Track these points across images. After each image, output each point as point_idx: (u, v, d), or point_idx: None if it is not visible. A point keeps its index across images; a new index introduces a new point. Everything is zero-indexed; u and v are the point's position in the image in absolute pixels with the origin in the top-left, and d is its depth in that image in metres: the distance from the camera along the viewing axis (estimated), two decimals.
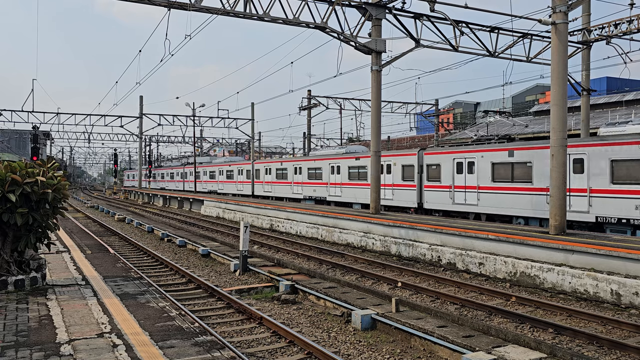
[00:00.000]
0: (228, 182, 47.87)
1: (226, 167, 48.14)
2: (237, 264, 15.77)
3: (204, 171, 54.61)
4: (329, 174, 31.96)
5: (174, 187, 66.00)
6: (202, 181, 55.22)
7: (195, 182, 56.42)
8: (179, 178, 63.65)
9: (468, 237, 16.04)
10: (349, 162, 30.24)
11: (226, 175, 47.92)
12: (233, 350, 8.00)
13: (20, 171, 8.87)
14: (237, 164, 46.03)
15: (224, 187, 48.64)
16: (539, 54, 25.36)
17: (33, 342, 6.42)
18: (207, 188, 53.20)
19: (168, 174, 69.60)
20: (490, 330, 9.39)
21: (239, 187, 44.74)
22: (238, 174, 45.32)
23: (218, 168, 50.24)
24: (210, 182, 52.91)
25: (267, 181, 39.93)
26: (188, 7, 18.88)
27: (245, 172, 43.70)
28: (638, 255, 11.75)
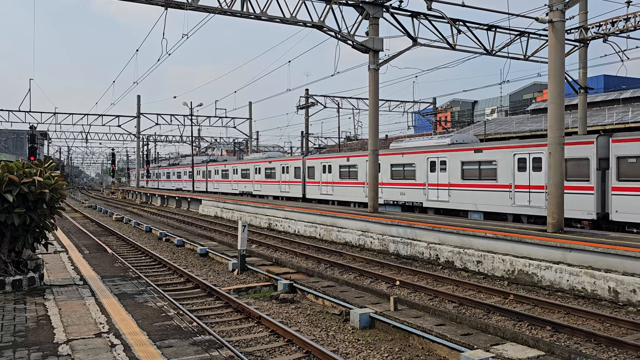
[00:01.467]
0: (268, 181, 38.93)
1: (265, 164, 39.29)
2: (236, 263, 15.76)
3: (233, 169, 45.65)
4: (428, 171, 24.00)
5: (190, 188, 57.42)
6: (230, 181, 46.46)
7: (207, 181, 52.06)
8: (200, 177, 55.33)
9: (466, 236, 16.06)
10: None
11: (265, 174, 39.12)
12: (231, 350, 7.99)
13: (18, 171, 8.85)
14: (281, 160, 37.42)
15: (261, 188, 39.68)
16: (536, 52, 25.38)
17: (31, 342, 6.41)
18: (239, 189, 44.19)
19: (185, 173, 60.71)
20: (488, 328, 9.40)
21: (283, 187, 36.38)
22: (283, 172, 36.50)
23: (254, 165, 41.17)
24: (241, 181, 43.69)
25: (326, 181, 31.53)
26: (185, 6, 18.85)
27: (293, 170, 35.15)
28: (635, 252, 11.78)
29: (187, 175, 58.42)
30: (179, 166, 65.47)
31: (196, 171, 55.22)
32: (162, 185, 72.14)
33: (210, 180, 51.58)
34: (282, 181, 36.27)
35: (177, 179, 64.38)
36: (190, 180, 56.35)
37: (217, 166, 50.07)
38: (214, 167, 50.99)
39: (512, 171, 20.05)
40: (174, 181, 65.78)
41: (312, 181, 33.05)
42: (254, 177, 41.02)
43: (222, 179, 48.26)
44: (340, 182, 30.36)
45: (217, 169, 49.68)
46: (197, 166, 55.57)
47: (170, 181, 67.50)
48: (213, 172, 50.60)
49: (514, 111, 61.12)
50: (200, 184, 54.62)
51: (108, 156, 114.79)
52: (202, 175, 53.99)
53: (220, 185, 48.52)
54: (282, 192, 36.28)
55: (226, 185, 47.23)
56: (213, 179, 50.53)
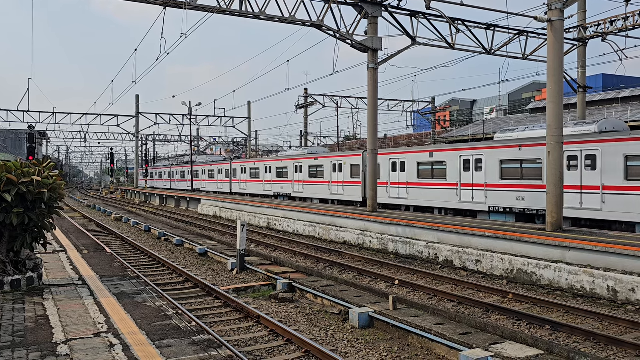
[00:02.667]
0: (313, 182, 32.95)
1: (309, 162, 33.49)
2: (235, 262, 15.76)
3: (266, 167, 39.39)
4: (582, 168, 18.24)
5: (215, 189, 50.85)
6: (261, 180, 40.21)
7: (232, 181, 45.65)
8: (222, 177, 48.52)
9: (465, 235, 16.07)
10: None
11: (309, 173, 33.23)
12: (230, 349, 7.99)
13: (16, 171, 8.84)
14: (332, 156, 31.58)
15: (304, 190, 34.05)
16: (535, 52, 25.40)
17: (30, 342, 6.40)
18: (273, 190, 38.25)
19: (204, 172, 54.38)
20: (487, 328, 9.41)
21: (334, 189, 30.76)
22: (334, 170, 30.68)
23: (293, 162, 35.44)
24: (276, 182, 37.72)
25: (400, 182, 25.40)
26: (184, 6, 18.83)
27: (348, 168, 29.47)
28: (635, 251, 11.79)
29: (207, 175, 52.74)
30: (197, 164, 58.88)
31: (217, 170, 49.52)
32: (175, 185, 65.14)
33: (235, 180, 45.14)
34: (334, 182, 30.72)
35: (195, 179, 57.49)
36: (211, 180, 51.25)
37: (245, 164, 43.53)
38: (240, 164, 44.45)
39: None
40: (189, 181, 58.30)
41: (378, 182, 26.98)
42: (293, 177, 35.24)
43: (251, 179, 42.09)
44: (420, 184, 24.21)
45: (245, 167, 43.18)
46: (219, 164, 49.98)
47: (185, 180, 60.41)
48: (239, 171, 44.18)
49: (513, 110, 61.14)
50: (223, 184, 48.03)
51: (107, 156, 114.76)
52: (224, 174, 47.48)
53: (249, 185, 42.30)
54: (332, 195, 30.76)
55: (256, 185, 41.12)
56: (239, 179, 44.15)
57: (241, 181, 43.92)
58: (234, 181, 45.45)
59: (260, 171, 40.48)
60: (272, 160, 39.00)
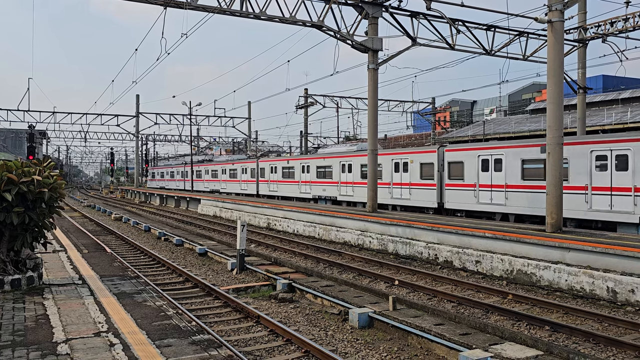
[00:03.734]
0: (365, 183, 26.40)
1: (362, 160, 28.22)
2: (235, 262, 15.76)
3: (303, 166, 34.61)
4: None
5: (238, 190, 45.84)
6: (297, 181, 35.43)
7: (258, 181, 41.36)
8: (247, 176, 43.54)
9: (465, 235, 16.08)
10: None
11: (361, 173, 28.74)
12: (230, 349, 8.00)
13: (17, 170, 8.84)
14: (395, 153, 26.73)
15: (354, 192, 29.40)
16: (535, 52, 25.40)
17: (30, 341, 6.41)
18: (313, 192, 33.43)
19: (225, 171, 48.84)
20: (487, 328, 9.41)
21: (396, 192, 26.20)
22: (396, 169, 26.03)
23: (340, 161, 30.61)
24: (317, 182, 32.90)
25: (490, 184, 20.90)
26: (184, 6, 18.84)
27: (417, 167, 24.89)
28: (634, 252, 11.80)
29: (228, 174, 47.65)
30: (214, 163, 53.03)
31: (241, 169, 44.46)
32: (189, 186, 58.86)
33: (264, 181, 40.46)
34: (396, 183, 26.19)
35: (213, 179, 51.92)
36: (233, 180, 46.26)
37: (276, 162, 38.84)
38: (269, 163, 39.80)
39: None
40: (208, 181, 53.35)
41: (457, 183, 22.76)
42: (339, 177, 30.68)
43: (283, 179, 37.37)
44: (522, 186, 20.02)
45: (275, 166, 38.65)
46: (242, 163, 44.87)
47: (202, 181, 55.26)
48: (268, 170, 39.67)
49: (513, 111, 61.14)
50: (248, 185, 43.11)
51: (107, 155, 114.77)
52: (250, 174, 42.76)
53: (281, 187, 37.62)
54: (394, 199, 26.48)
55: (290, 187, 36.40)
56: (269, 179, 39.48)
57: (271, 182, 39.14)
58: (262, 182, 40.76)
59: (295, 170, 35.64)
60: (312, 157, 34.47)
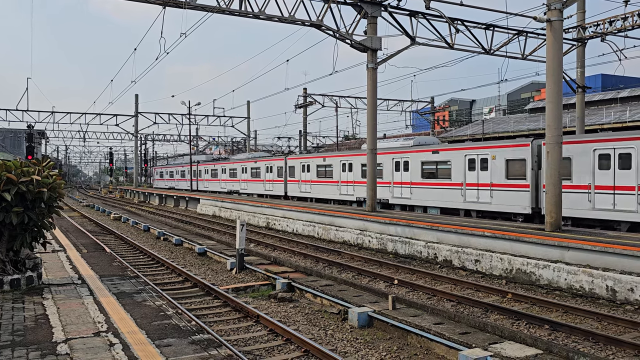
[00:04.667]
0: (429, 184, 24.02)
1: (423, 156, 24.66)
2: (234, 262, 15.76)
3: (344, 163, 30.31)
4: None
5: (261, 190, 41.37)
6: (334, 181, 31.09)
7: (287, 181, 36.86)
8: (273, 176, 39.09)
9: (464, 234, 16.08)
10: None
11: (422, 172, 24.58)
12: (230, 349, 8.00)
13: (16, 170, 8.83)
14: (466, 149, 22.60)
15: (412, 194, 25.14)
16: (534, 52, 25.42)
17: (29, 341, 6.40)
18: (356, 194, 29.14)
19: (245, 170, 44.13)
20: (486, 327, 9.42)
21: (469, 195, 22.05)
22: (471, 167, 22.03)
23: (392, 157, 26.50)
24: (358, 183, 28.84)
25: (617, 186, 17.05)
26: (183, 5, 18.83)
27: (504, 165, 20.68)
28: (633, 251, 11.81)
29: (249, 173, 43.39)
30: (233, 161, 48.61)
31: (266, 168, 40.23)
32: (204, 186, 54.64)
33: (293, 180, 36.18)
34: (470, 184, 21.90)
35: (231, 178, 46.95)
36: (255, 180, 42.01)
37: (309, 159, 34.49)
38: (301, 161, 35.50)
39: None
40: (225, 181, 48.85)
41: (575, 184, 18.05)
42: (392, 177, 26.39)
43: (317, 179, 32.97)
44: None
45: (307, 164, 34.46)
46: (266, 160, 40.80)
47: (218, 180, 51.00)
48: (299, 169, 35.44)
49: (512, 110, 61.18)
50: (274, 185, 38.85)
51: (106, 155, 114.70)
52: (276, 173, 38.59)
53: (316, 187, 33.28)
54: (467, 203, 22.09)
55: (326, 188, 31.89)
56: (299, 179, 35.37)
57: (302, 182, 34.87)
58: (291, 182, 36.51)
59: (333, 169, 31.26)
60: (356, 154, 29.75)
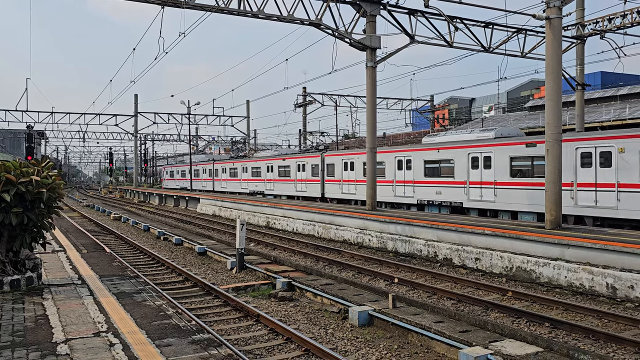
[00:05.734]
0: (514, 184, 20.17)
1: (499, 151, 20.85)
2: (234, 261, 15.76)
3: (399, 160, 25.97)
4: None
5: (292, 191, 36.56)
6: (402, 181, 25.82)
7: (324, 181, 32.03)
8: (306, 175, 34.35)
9: (464, 233, 16.08)
10: None
11: (511, 171, 20.39)
12: (230, 348, 7.99)
13: (15, 171, 8.82)
14: (574, 139, 18.26)
15: (497, 197, 20.82)
16: (533, 49, 25.40)
17: (29, 342, 6.39)
18: (417, 196, 24.87)
19: (270, 169, 39.37)
20: (487, 325, 9.42)
21: (582, 197, 17.85)
22: (585, 163, 17.78)
23: (454, 152, 23.01)
24: (428, 184, 24.24)
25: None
26: (182, 5, 18.81)
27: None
28: (633, 248, 11.81)
29: (276, 172, 38.50)
30: (255, 159, 43.05)
31: (297, 165, 35.29)
32: (222, 186, 49.27)
33: (333, 181, 31.37)
34: (584, 184, 17.71)
35: (254, 178, 42.04)
36: (284, 179, 37.08)
37: (352, 156, 29.68)
38: (341, 157, 30.63)
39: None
40: (247, 181, 43.68)
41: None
42: (467, 176, 22.10)
43: (364, 179, 26.74)
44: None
45: (351, 161, 29.53)
46: (298, 157, 35.78)
47: (238, 180, 45.54)
48: (340, 166, 30.57)
49: (512, 108, 61.17)
50: (308, 185, 34.13)
51: (105, 155, 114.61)
52: (309, 171, 34.02)
53: (360, 187, 28.64)
54: (581, 207, 17.87)
55: (381, 189, 26.35)
56: (339, 178, 30.61)
57: (344, 182, 30.22)
58: (329, 181, 31.75)
59: (386, 167, 26.81)
60: (413, 149, 25.45)
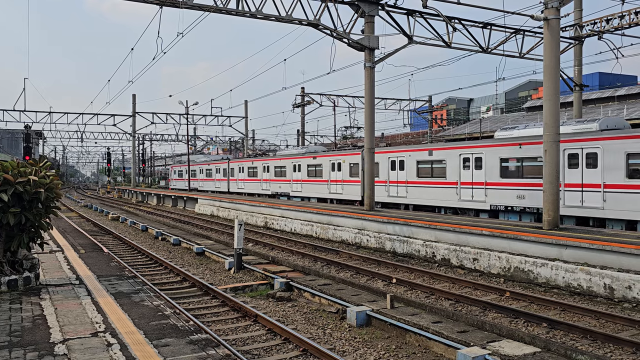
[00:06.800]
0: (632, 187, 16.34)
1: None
2: (232, 262, 15.75)
3: (465, 158, 22.12)
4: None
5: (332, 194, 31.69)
6: (460, 184, 22.22)
7: (389, 183, 25.73)
8: (343, 176, 30.06)
9: (462, 233, 16.09)
10: None
11: (629, 172, 16.51)
12: (228, 348, 8.00)
13: (13, 170, 8.81)
14: None
15: (618, 203, 16.73)
16: (531, 50, 25.43)
17: (27, 342, 6.38)
18: (489, 201, 21.04)
19: (299, 168, 34.90)
20: (484, 326, 9.43)
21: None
22: None
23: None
24: (499, 185, 20.61)
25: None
26: (180, 5, 18.80)
27: None
28: (631, 249, 11.83)
29: (305, 172, 34.26)
30: (280, 157, 38.72)
31: (331, 164, 31.23)
32: (243, 187, 44.41)
33: (401, 182, 25.93)
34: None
35: (278, 178, 37.85)
36: (315, 179, 32.71)
37: (402, 153, 25.82)
38: (388, 155, 26.68)
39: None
40: (268, 181, 39.40)
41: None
42: (564, 175, 18.04)
43: (419, 179, 24.61)
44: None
45: (400, 159, 25.82)
46: (333, 156, 31.63)
47: (258, 181, 41.26)
48: (386, 166, 26.74)
49: (510, 109, 61.27)
50: (345, 186, 30.17)
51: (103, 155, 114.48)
52: (347, 171, 29.75)
53: (414, 190, 24.90)
54: None
55: (435, 192, 23.71)
56: (386, 179, 26.76)
57: (391, 183, 26.52)
58: (395, 184, 26.43)
59: (447, 166, 23.09)
60: (485, 145, 21.34)
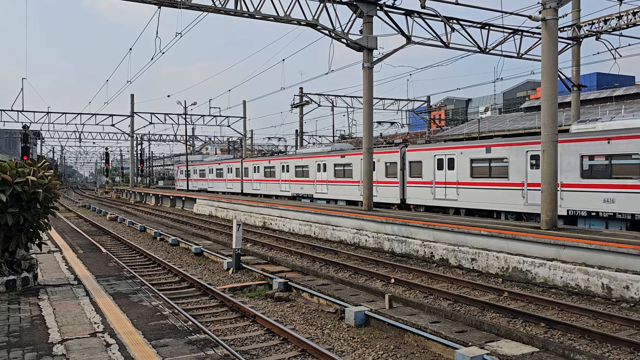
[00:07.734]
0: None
1: None
2: (231, 262, 15.75)
3: (532, 155, 18.98)
4: None
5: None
6: (527, 185, 19.16)
7: (408, 182, 24.39)
8: (377, 176, 26.50)
9: (460, 233, 16.10)
10: None
11: None
12: (227, 348, 8.01)
13: (11, 171, 8.80)
14: None
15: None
16: (529, 50, 25.48)
17: (25, 342, 6.38)
18: (575, 204, 17.78)
19: (322, 167, 32.12)
20: (483, 325, 9.44)
21: None
22: None
23: None
24: (585, 187, 17.45)
25: None
26: (178, 5, 18.79)
27: None
28: (629, 249, 11.85)
29: (331, 173, 31.22)
30: (301, 156, 35.61)
31: (380, 163, 26.83)
32: (253, 187, 42.25)
33: (415, 182, 24.73)
34: None
35: (300, 178, 34.88)
36: (338, 180, 30.04)
37: (450, 150, 22.81)
38: (433, 152, 23.77)
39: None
40: (288, 182, 36.39)
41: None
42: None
43: (474, 180, 21.66)
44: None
45: (448, 157, 22.82)
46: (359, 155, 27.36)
47: (276, 181, 38.02)
48: (430, 164, 23.78)
49: (508, 109, 61.39)
50: (379, 188, 26.39)
51: (102, 155, 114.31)
52: (383, 171, 26.78)
53: (465, 192, 22.03)
54: None
55: (490, 195, 20.91)
56: (430, 179, 23.78)
57: (437, 184, 23.44)
58: (412, 183, 24.81)
59: (510, 164, 20.06)
60: (583, 138, 17.88)
